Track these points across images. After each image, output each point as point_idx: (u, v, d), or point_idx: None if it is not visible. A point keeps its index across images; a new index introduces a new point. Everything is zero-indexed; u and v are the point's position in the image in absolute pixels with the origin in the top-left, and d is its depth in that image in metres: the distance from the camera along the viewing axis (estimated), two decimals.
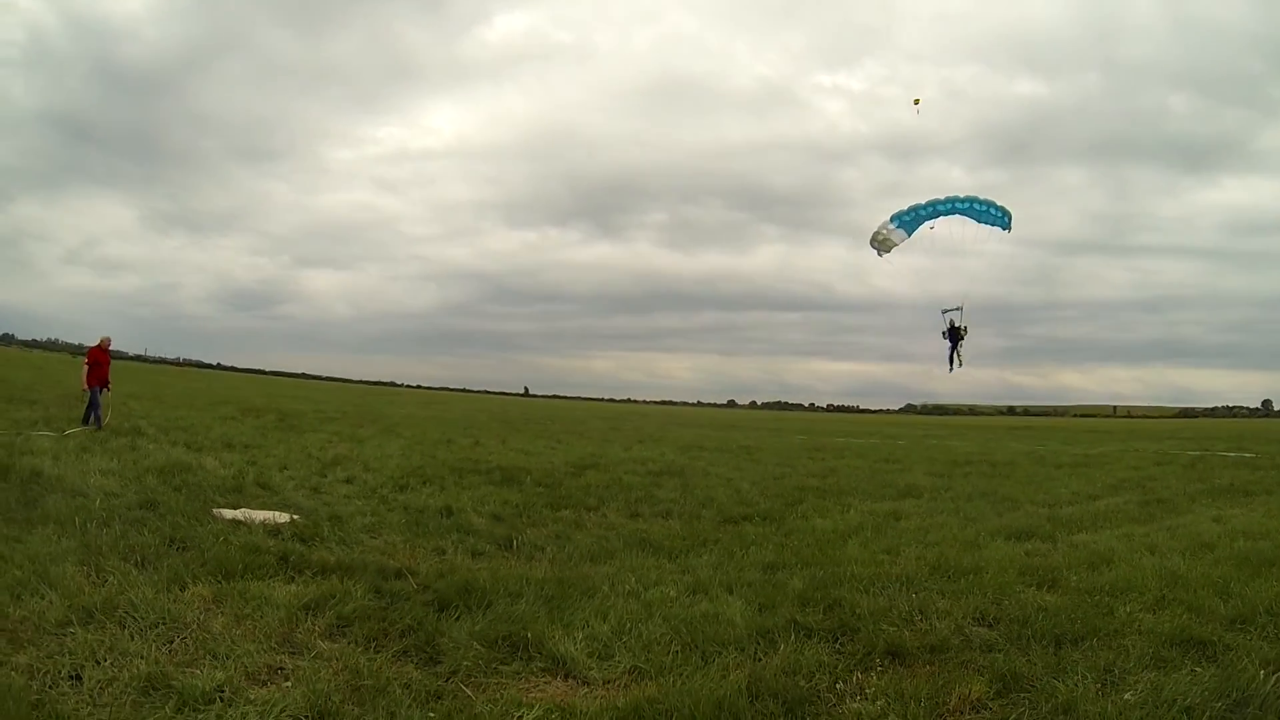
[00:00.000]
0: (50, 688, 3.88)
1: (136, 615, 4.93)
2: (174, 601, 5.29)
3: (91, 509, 7.75)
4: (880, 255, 16.79)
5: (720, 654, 4.84)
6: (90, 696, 3.85)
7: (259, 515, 8.37)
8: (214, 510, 8.45)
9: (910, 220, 16.51)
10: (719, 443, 29.26)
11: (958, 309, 17.40)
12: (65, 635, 4.57)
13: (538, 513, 10.30)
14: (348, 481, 12.17)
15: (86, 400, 17.13)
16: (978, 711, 4.24)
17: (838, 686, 4.47)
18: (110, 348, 18.14)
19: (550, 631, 5.08)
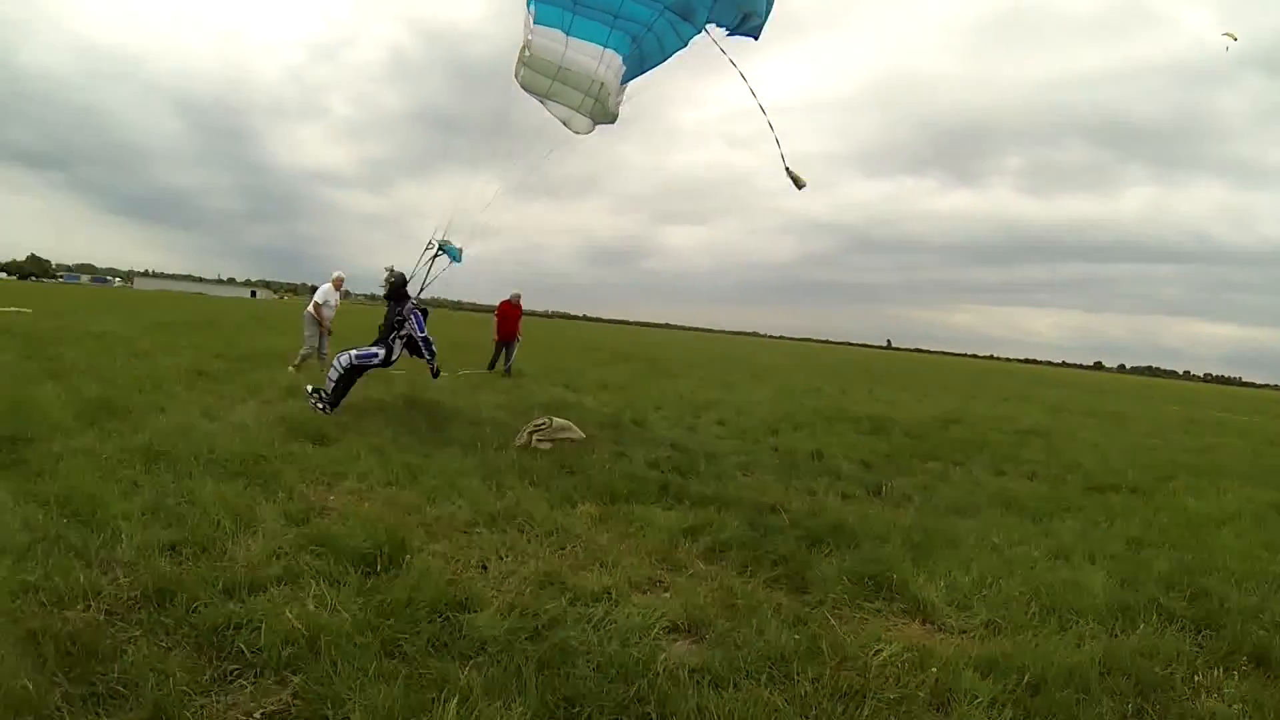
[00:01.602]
0: (461, 573, 4.55)
1: (533, 524, 5.63)
2: (565, 516, 5.96)
3: (486, 435, 8.90)
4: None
5: (1077, 622, 4.57)
6: (495, 583, 4.46)
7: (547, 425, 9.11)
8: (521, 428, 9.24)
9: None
10: (1085, 406, 26.80)
11: None
12: (472, 534, 5.37)
13: (905, 462, 10.14)
14: (720, 423, 12.71)
15: (495, 349, 18.67)
16: None
17: (1195, 680, 4.02)
18: (520, 302, 19.23)
19: (913, 576, 5.05)
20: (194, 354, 16.12)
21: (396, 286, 10.38)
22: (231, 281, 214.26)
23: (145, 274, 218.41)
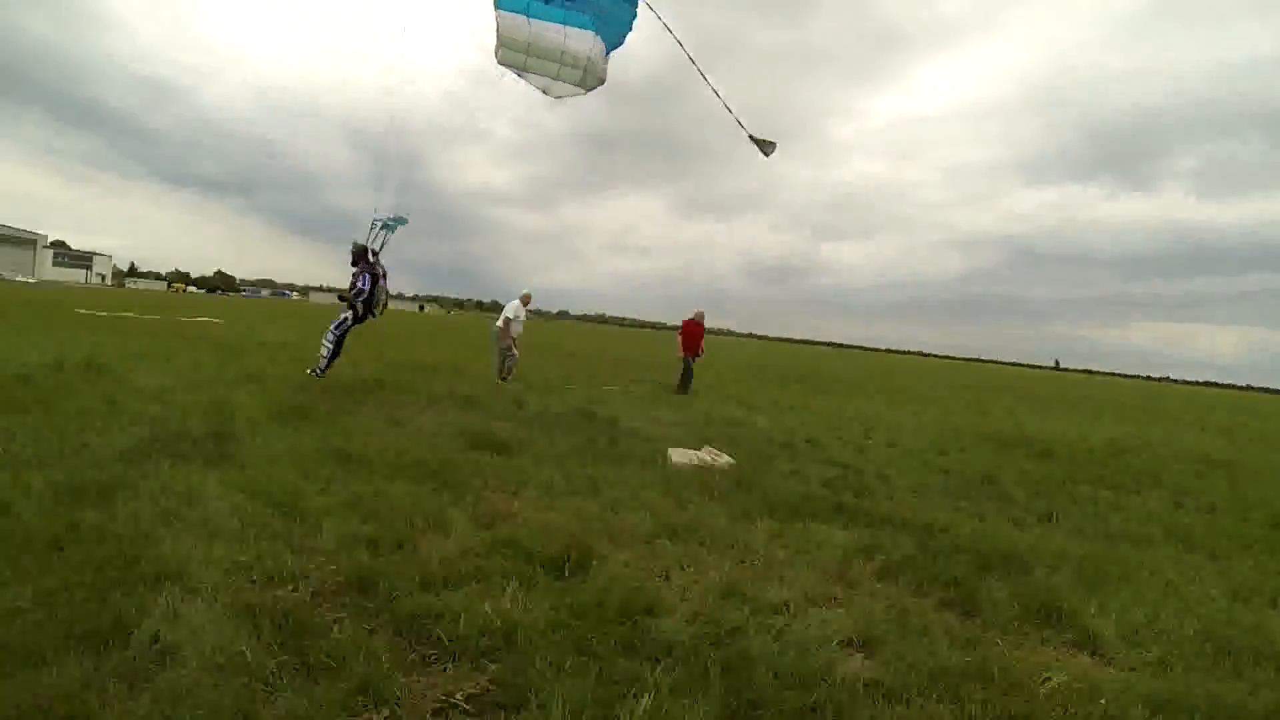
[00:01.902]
0: (647, 581, 4.78)
1: (713, 538, 5.83)
2: (744, 531, 6.15)
3: (664, 451, 9.22)
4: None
5: (1254, 669, 4.41)
6: (679, 591, 4.67)
7: (697, 455, 9.18)
8: (668, 450, 9.42)
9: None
10: (1273, 435, 24.67)
11: None
12: (655, 544, 5.59)
13: (1076, 490, 9.83)
14: (890, 445, 12.74)
15: (685, 370, 18.83)
16: None
17: None
18: (703, 320, 19.33)
19: (1084, 607, 4.94)
20: (372, 365, 17.24)
21: (356, 255, 12.31)
22: (400, 296, 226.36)
23: (320, 288, 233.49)
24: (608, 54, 8.93)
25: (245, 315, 45.03)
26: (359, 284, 12.20)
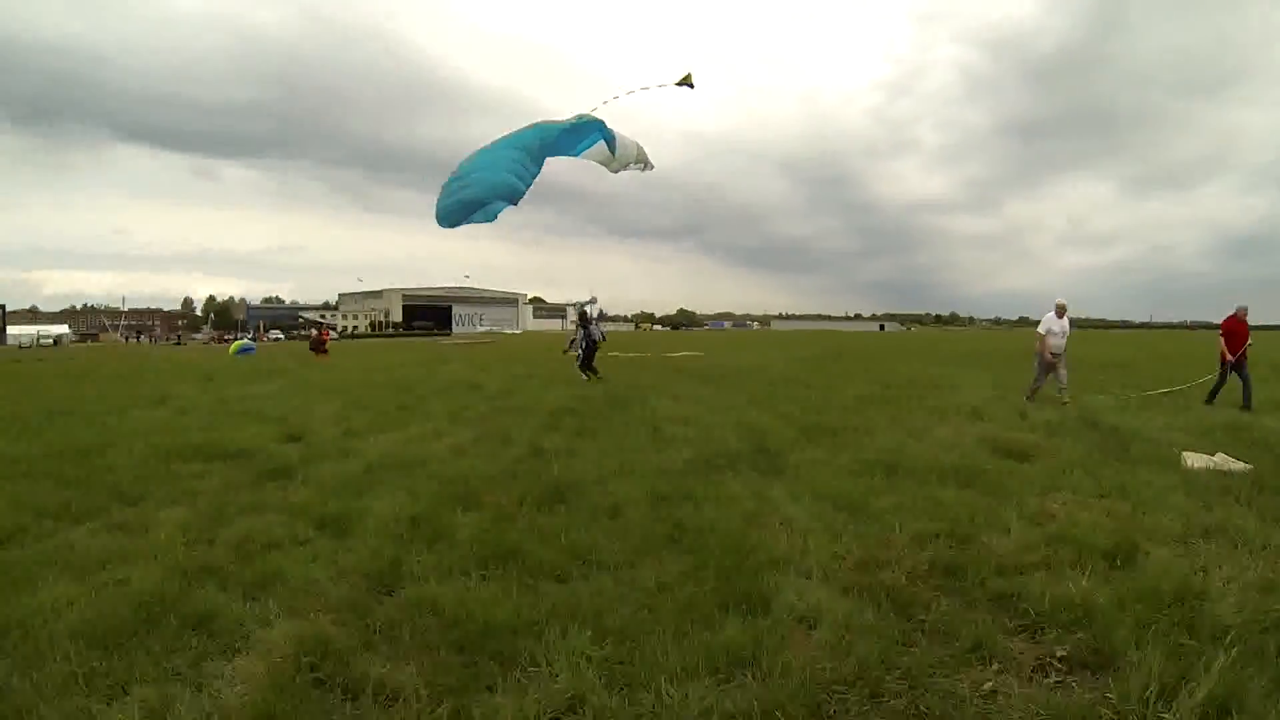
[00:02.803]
0: (1189, 575, 5.12)
1: (1244, 538, 5.95)
2: (1276, 533, 6.12)
3: (1175, 456, 9.12)
4: None
5: None
6: (1220, 584, 4.97)
7: (1211, 460, 8.76)
8: (1181, 454, 9.09)
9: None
10: None
11: None
12: (1189, 543, 5.92)
13: None
14: None
15: (1220, 374, 16.05)
16: None
17: None
18: (1245, 317, 16.34)
19: None
20: (862, 384, 18.51)
21: (582, 319, 21.95)
22: (858, 317, 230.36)
23: (779, 316, 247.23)
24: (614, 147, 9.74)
25: (717, 347, 49.84)
26: (584, 342, 21.20)
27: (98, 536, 6.27)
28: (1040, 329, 15.25)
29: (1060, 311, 15.19)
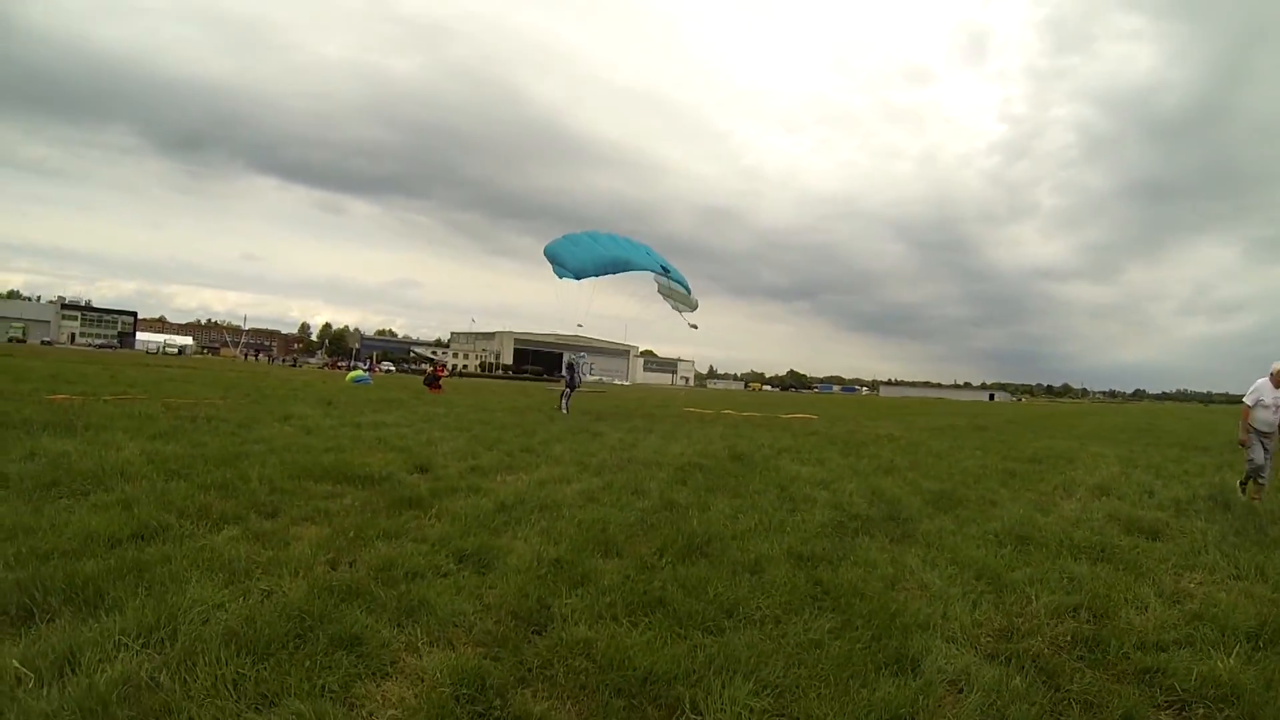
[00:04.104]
0: None
1: None
2: None
3: None
4: None
5: None
6: None
7: None
8: None
9: None
10: None
11: None
12: None
13: None
14: None
15: None
16: None
17: None
18: None
19: None
20: (985, 455, 18.42)
21: (568, 367, 29.91)
22: (967, 385, 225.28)
23: (887, 382, 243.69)
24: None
25: (829, 410, 49.53)
26: (569, 382, 29.26)
27: (239, 544, 6.46)
28: (1247, 399, 12.37)
29: (1278, 380, 12.06)
